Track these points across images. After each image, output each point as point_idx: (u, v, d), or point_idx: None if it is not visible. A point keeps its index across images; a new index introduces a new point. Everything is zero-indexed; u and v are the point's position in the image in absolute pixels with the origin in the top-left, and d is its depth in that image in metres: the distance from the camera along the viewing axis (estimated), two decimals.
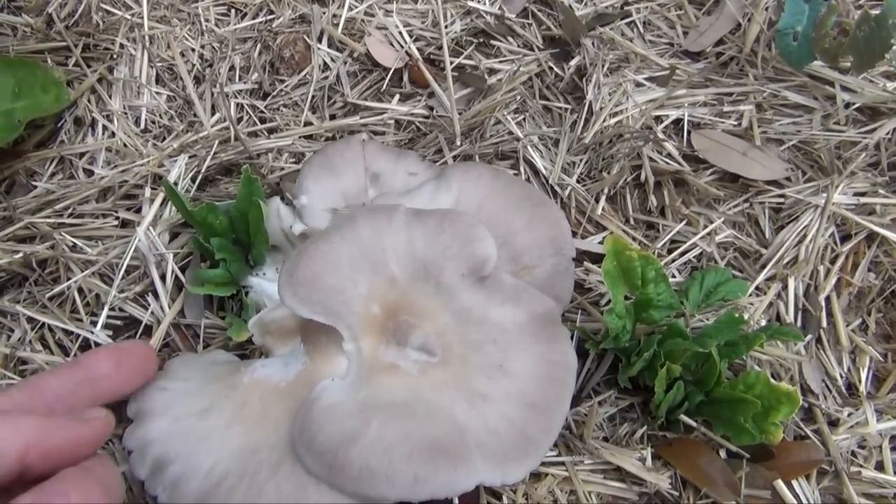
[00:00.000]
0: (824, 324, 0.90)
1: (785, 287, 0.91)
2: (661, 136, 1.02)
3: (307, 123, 1.03)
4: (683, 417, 0.80)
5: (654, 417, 0.82)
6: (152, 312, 0.88)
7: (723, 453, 0.81)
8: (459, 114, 1.02)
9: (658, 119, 1.04)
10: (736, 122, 1.03)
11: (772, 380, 0.77)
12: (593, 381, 0.85)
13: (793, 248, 0.93)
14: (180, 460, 0.69)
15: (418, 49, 1.08)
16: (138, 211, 0.95)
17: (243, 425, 0.72)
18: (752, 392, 0.77)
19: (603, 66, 1.06)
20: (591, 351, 0.85)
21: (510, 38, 1.10)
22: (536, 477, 0.80)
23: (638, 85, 1.06)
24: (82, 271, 0.89)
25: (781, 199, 0.98)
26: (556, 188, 0.98)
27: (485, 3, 1.12)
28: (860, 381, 0.88)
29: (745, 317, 0.82)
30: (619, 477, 0.80)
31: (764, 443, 0.78)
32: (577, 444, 0.81)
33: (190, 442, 0.71)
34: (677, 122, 1.04)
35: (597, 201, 0.98)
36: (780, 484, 0.79)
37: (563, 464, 0.80)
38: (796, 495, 0.80)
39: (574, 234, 0.93)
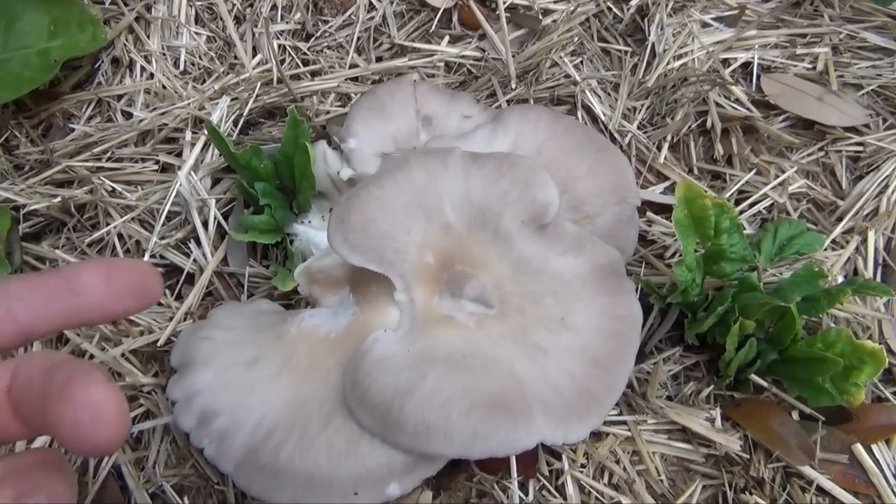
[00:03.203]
0: None
1: (864, 241, 0.85)
2: (728, 79, 0.95)
3: (353, 66, 0.98)
4: (754, 377, 0.76)
5: (721, 376, 0.77)
6: (194, 260, 0.85)
7: (795, 415, 0.77)
8: (513, 56, 0.96)
9: (726, 62, 0.97)
10: (810, 66, 0.97)
11: (854, 338, 0.71)
12: (656, 338, 0.80)
13: (873, 199, 0.87)
14: (227, 412, 0.66)
15: None
16: (179, 155, 0.91)
17: (292, 377, 0.69)
18: (832, 350, 0.71)
19: (666, 5, 0.99)
20: (655, 305, 0.80)
21: None
22: (597, 436, 0.76)
23: (704, 25, 0.99)
24: (122, 217, 0.86)
25: (860, 147, 0.91)
26: (616, 135, 0.92)
27: None
28: None
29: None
30: (684, 438, 0.76)
31: (841, 405, 0.73)
32: (640, 403, 0.77)
33: (237, 393, 0.67)
34: (746, 65, 0.97)
35: (659, 149, 0.92)
36: (858, 448, 0.75)
37: (625, 423, 0.76)
38: (876, 460, 0.75)
39: None
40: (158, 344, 0.79)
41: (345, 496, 0.62)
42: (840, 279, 0.84)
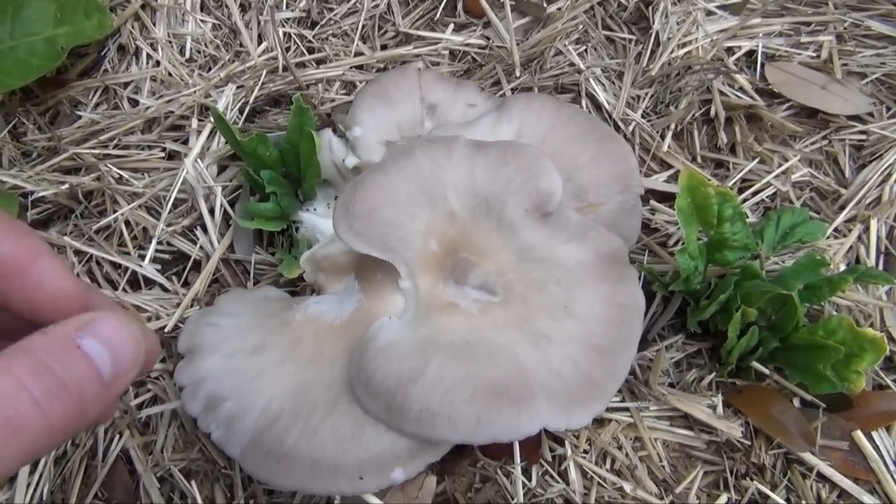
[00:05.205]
0: None
1: (866, 229, 0.86)
2: (732, 68, 0.95)
3: (358, 54, 0.98)
4: (755, 364, 0.76)
5: (722, 364, 0.78)
6: (201, 247, 0.85)
7: (796, 402, 0.77)
8: (518, 44, 0.96)
9: (730, 50, 0.97)
10: (814, 54, 0.97)
11: (855, 326, 0.72)
12: (659, 325, 0.81)
13: (875, 187, 0.88)
14: (234, 397, 0.67)
15: None
16: (185, 142, 0.91)
17: (297, 363, 0.69)
18: (833, 338, 0.72)
19: None
20: (657, 293, 0.80)
21: None
22: (600, 423, 0.76)
23: (709, 13, 0.99)
24: (129, 204, 0.87)
25: (864, 136, 0.91)
26: (620, 123, 0.92)
27: None
28: None
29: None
30: (686, 424, 0.77)
31: (842, 392, 0.74)
32: (642, 390, 0.77)
33: (243, 379, 0.68)
34: (750, 53, 0.97)
35: (662, 138, 0.92)
36: (858, 435, 0.75)
37: (627, 409, 0.77)
38: (876, 447, 0.75)
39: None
40: (166, 330, 0.80)
41: (350, 481, 0.62)
42: (842, 267, 0.84)
